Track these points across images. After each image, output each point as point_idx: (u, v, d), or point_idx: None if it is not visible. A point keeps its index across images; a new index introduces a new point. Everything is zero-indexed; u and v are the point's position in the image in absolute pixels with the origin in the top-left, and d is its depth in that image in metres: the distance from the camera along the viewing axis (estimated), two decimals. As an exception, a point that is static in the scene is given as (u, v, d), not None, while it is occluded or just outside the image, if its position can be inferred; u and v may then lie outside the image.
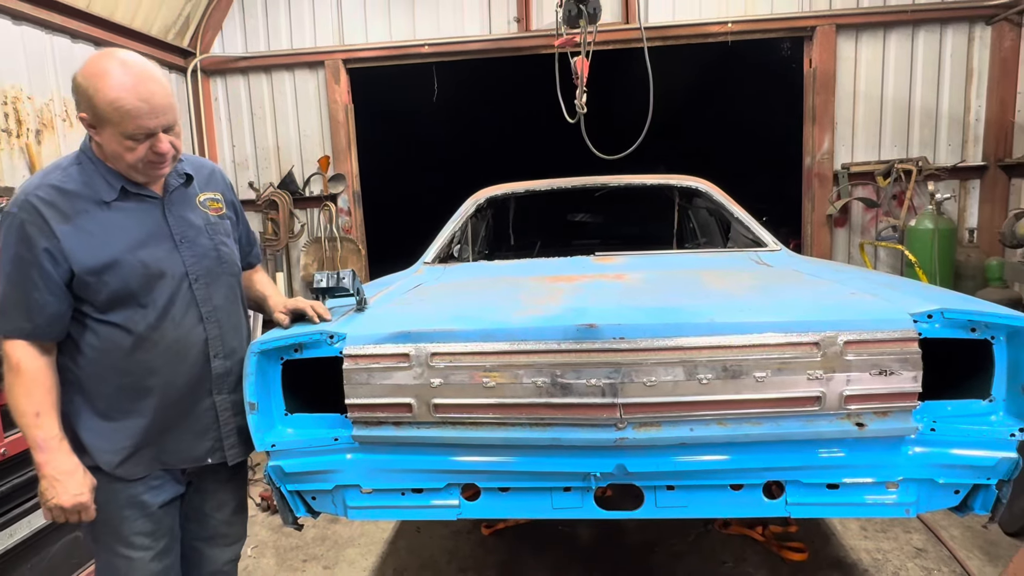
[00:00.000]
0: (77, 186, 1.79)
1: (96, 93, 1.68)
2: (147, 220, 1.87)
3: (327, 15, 6.03)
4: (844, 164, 5.76)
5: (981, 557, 3.17)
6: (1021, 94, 5.32)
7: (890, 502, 2.03)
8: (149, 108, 1.70)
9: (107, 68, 1.69)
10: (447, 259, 3.72)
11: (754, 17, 5.64)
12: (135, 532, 1.90)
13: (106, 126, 1.71)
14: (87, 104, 1.71)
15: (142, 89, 1.69)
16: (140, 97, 1.68)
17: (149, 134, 1.73)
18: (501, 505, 2.16)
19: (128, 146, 1.73)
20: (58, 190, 1.76)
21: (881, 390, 1.90)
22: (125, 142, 1.72)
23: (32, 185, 1.78)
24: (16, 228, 1.73)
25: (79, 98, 1.73)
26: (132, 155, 1.75)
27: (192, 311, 1.92)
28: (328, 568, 3.37)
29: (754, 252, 3.46)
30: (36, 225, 1.73)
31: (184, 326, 1.90)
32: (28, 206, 1.73)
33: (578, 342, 1.95)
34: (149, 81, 1.72)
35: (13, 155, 4.09)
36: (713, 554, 3.31)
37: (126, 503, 1.89)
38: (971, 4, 5.41)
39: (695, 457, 2.01)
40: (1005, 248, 4.95)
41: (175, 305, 1.88)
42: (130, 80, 1.69)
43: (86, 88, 1.69)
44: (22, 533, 2.70)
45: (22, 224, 1.73)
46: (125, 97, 1.67)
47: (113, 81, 1.67)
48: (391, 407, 2.03)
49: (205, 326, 1.94)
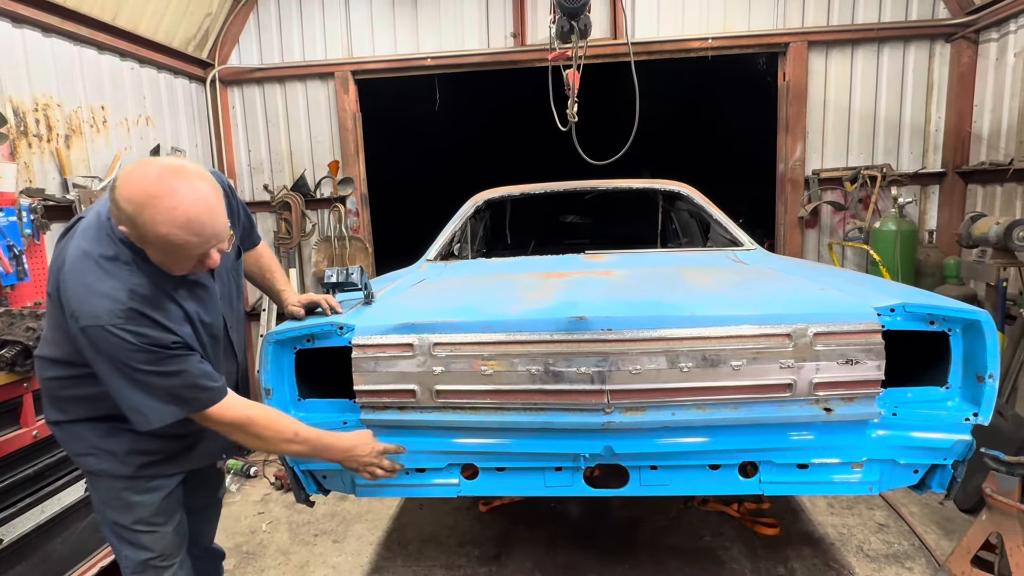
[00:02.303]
0: (151, 283, 1.58)
1: (143, 224, 1.43)
2: (203, 295, 1.76)
3: (337, 30, 6.01)
4: (815, 170, 5.76)
5: (938, 532, 3.19)
6: (978, 106, 5.34)
7: (855, 481, 2.04)
8: (200, 240, 1.50)
9: (153, 197, 1.42)
10: (448, 257, 3.71)
11: (732, 34, 5.64)
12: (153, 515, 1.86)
13: (152, 248, 1.52)
14: (131, 227, 1.45)
15: (194, 224, 1.46)
16: (191, 232, 1.46)
17: (201, 256, 1.55)
18: (498, 484, 2.16)
19: (179, 262, 1.56)
20: (142, 291, 1.56)
21: (847, 378, 1.91)
22: (175, 260, 1.55)
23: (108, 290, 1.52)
24: (128, 337, 1.51)
25: (120, 216, 1.46)
26: (182, 268, 1.58)
27: (229, 352, 1.94)
28: (337, 542, 3.37)
29: (731, 251, 3.47)
30: (148, 327, 1.55)
31: (225, 370, 1.89)
32: (132, 314, 1.52)
33: (569, 333, 1.96)
34: (200, 213, 1.46)
35: (44, 159, 4.07)
36: (692, 529, 3.33)
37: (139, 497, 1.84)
38: (932, 23, 5.42)
39: (676, 439, 2.02)
40: (962, 248, 4.97)
41: (222, 355, 1.89)
42: (180, 215, 1.43)
43: (130, 215, 1.43)
44: (53, 510, 2.69)
45: (135, 331, 1.52)
46: (175, 234, 1.45)
47: (161, 215, 1.42)
48: (396, 393, 2.03)
49: (236, 358, 1.98)
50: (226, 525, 3.57)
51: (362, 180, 6.26)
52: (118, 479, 1.80)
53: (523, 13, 5.79)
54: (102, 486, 1.83)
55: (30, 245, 3.42)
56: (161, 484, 1.87)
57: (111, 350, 1.53)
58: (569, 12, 4.23)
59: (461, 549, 3.24)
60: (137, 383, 1.57)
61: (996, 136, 5.10)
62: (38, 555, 2.64)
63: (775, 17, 5.61)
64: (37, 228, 3.49)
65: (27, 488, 2.63)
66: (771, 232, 6.27)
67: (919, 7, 5.43)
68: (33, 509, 2.62)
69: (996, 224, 4.07)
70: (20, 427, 2.61)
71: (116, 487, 1.81)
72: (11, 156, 3.73)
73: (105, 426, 1.77)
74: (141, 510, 1.84)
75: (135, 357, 1.54)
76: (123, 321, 1.52)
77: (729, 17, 5.65)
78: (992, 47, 5.15)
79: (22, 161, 3.87)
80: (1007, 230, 3.95)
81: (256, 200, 6.09)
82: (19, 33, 3.91)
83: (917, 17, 5.45)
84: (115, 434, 1.76)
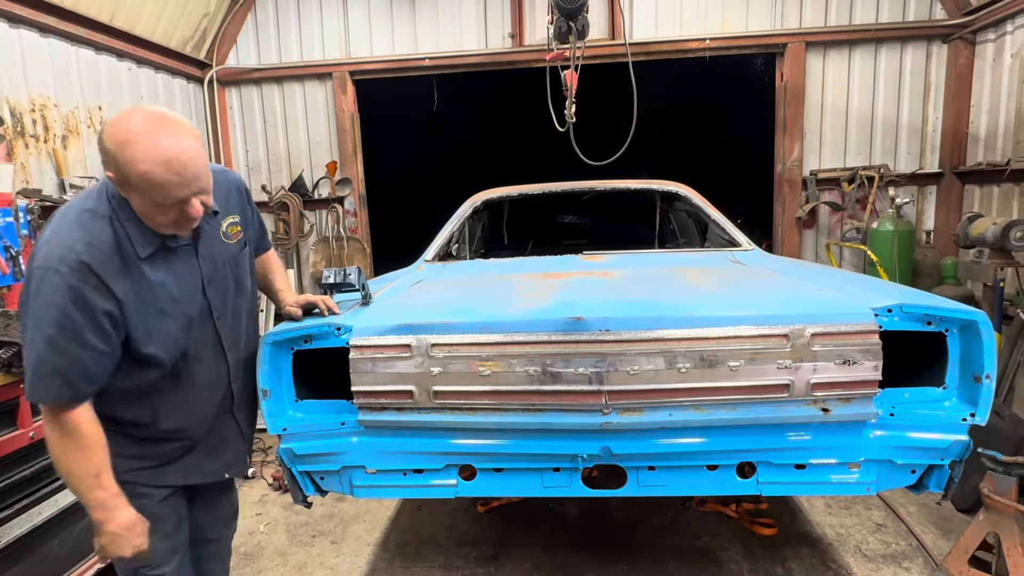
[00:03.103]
0: (118, 241, 1.58)
1: (125, 162, 1.47)
2: (182, 270, 1.73)
3: (335, 30, 6.00)
4: (812, 171, 5.78)
5: (935, 532, 3.20)
6: (974, 107, 5.35)
7: (852, 481, 2.04)
8: (180, 180, 1.51)
9: (136, 135, 1.47)
10: (446, 257, 3.71)
11: (730, 34, 5.65)
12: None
13: (134, 191, 1.53)
14: (114, 168, 1.50)
15: (174, 163, 1.49)
16: (171, 170, 1.49)
17: (180, 201, 1.55)
18: (496, 484, 2.16)
19: (157, 211, 1.56)
20: (102, 248, 1.55)
21: (845, 378, 1.91)
22: (154, 207, 1.55)
23: (70, 240, 1.52)
24: (65, 288, 1.49)
25: (106, 159, 1.51)
26: (162, 218, 1.58)
27: (216, 346, 1.85)
28: (335, 543, 3.36)
29: (729, 251, 3.47)
30: (91, 285, 1.52)
31: (207, 361, 1.83)
32: (79, 265, 1.50)
33: (567, 334, 1.96)
34: (180, 152, 1.50)
35: (41, 159, 4.06)
36: (690, 530, 3.33)
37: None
38: (929, 24, 5.43)
39: (674, 440, 2.02)
40: (959, 248, 4.99)
41: (203, 344, 1.81)
42: (161, 152, 1.47)
43: (114, 154, 1.48)
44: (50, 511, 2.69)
45: (75, 285, 1.50)
46: (155, 171, 1.47)
47: (142, 152, 1.46)
48: (394, 394, 2.02)
49: (227, 357, 1.88)
50: (224, 526, 3.56)
51: (360, 181, 6.26)
52: None
53: (521, 14, 5.79)
54: None
55: (27, 246, 3.41)
56: (151, 492, 1.81)
57: (40, 299, 1.50)
58: (567, 13, 4.24)
59: (459, 550, 3.24)
60: (30, 338, 1.52)
61: (993, 137, 5.12)
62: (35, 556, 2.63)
63: (773, 18, 5.62)
64: (34, 229, 3.49)
65: (24, 489, 2.62)
66: (769, 232, 6.28)
67: (916, 8, 5.45)
68: (30, 511, 2.61)
69: (993, 224, 4.08)
70: (17, 428, 2.60)
71: None
72: (8, 157, 3.72)
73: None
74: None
75: (51, 315, 1.49)
76: (68, 270, 1.49)
77: (727, 18, 5.66)
78: (989, 48, 5.17)
79: (19, 161, 3.86)
80: (1004, 230, 3.96)
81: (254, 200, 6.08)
82: (16, 33, 3.90)
83: (914, 18, 5.46)
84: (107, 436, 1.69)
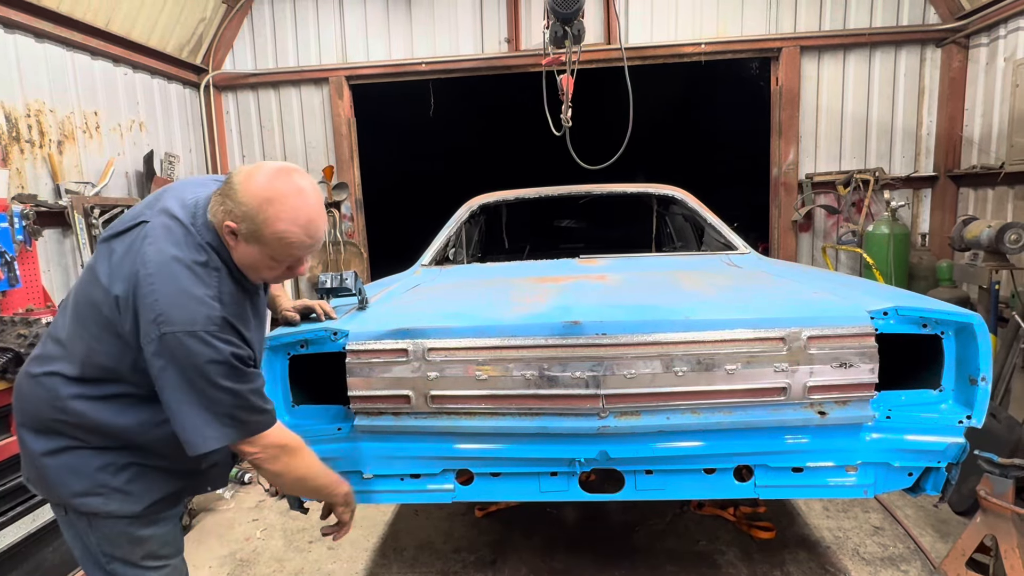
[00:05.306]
0: (236, 293, 1.56)
1: (264, 220, 1.45)
2: (261, 311, 1.73)
3: (331, 34, 6.01)
4: (808, 174, 5.80)
5: (933, 534, 3.20)
6: (968, 110, 5.38)
7: (850, 484, 2.04)
8: (311, 243, 1.52)
9: (280, 194, 1.46)
10: (443, 261, 3.71)
11: (725, 39, 5.67)
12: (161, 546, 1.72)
13: (257, 246, 1.50)
14: (248, 224, 1.46)
15: (311, 226, 1.49)
16: (307, 233, 1.49)
17: (298, 261, 1.57)
18: (493, 489, 2.16)
19: (271, 266, 1.55)
20: (232, 300, 1.53)
21: (841, 381, 1.92)
22: (270, 263, 1.53)
23: (202, 296, 1.47)
24: (219, 344, 1.46)
25: (238, 212, 1.46)
26: (270, 272, 1.57)
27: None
28: (332, 549, 3.35)
29: (725, 255, 3.48)
30: (236, 339, 1.51)
31: None
32: (224, 323, 1.48)
33: (564, 338, 1.96)
34: (319, 218, 1.51)
35: (36, 164, 4.05)
36: (688, 533, 3.32)
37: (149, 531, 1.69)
38: (923, 28, 5.47)
39: (671, 443, 2.02)
40: (954, 251, 5.01)
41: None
42: (301, 215, 1.47)
43: (254, 210, 1.45)
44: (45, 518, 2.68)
45: (227, 339, 1.48)
46: (293, 232, 1.47)
47: (286, 213, 1.46)
48: (390, 398, 2.02)
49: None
50: (220, 532, 3.55)
51: (357, 185, 6.25)
52: (124, 518, 1.62)
53: (517, 18, 5.81)
54: (103, 528, 1.62)
55: (22, 251, 3.40)
56: (172, 513, 1.75)
57: (193, 359, 1.43)
58: (563, 17, 4.25)
59: (456, 555, 3.23)
60: (205, 398, 1.46)
61: (987, 140, 5.15)
62: (30, 563, 2.62)
63: (767, 22, 5.65)
64: (29, 234, 3.47)
65: (19, 496, 2.61)
66: (765, 236, 6.29)
67: (910, 12, 5.48)
68: (24, 518, 2.60)
69: (988, 227, 4.10)
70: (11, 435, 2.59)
71: (121, 525, 1.63)
72: (3, 162, 3.72)
73: (114, 456, 1.59)
74: (152, 543, 1.68)
75: (215, 369, 1.46)
76: (217, 329, 1.46)
77: (722, 22, 5.68)
78: (982, 52, 5.20)
79: (14, 167, 3.85)
80: (999, 233, 3.98)
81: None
82: (11, 38, 3.90)
83: (908, 22, 5.50)
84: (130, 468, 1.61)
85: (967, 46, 5.35)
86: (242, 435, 1.55)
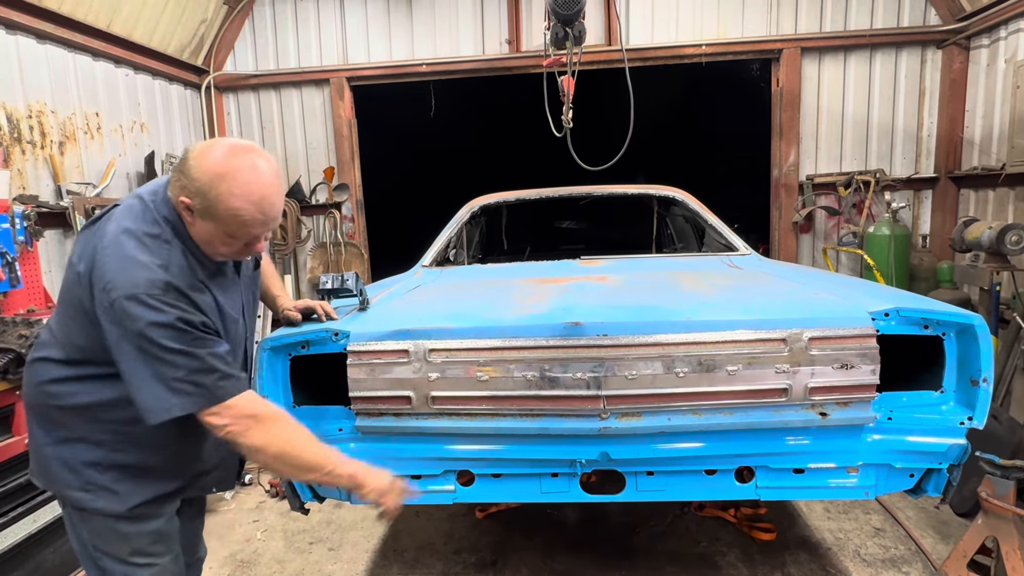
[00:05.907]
0: (190, 266, 1.55)
1: (217, 196, 1.45)
2: (232, 293, 1.70)
3: (332, 36, 6.02)
4: (809, 175, 5.80)
5: (934, 536, 3.20)
6: (969, 112, 5.38)
7: (851, 485, 2.04)
8: (264, 220, 1.51)
9: (232, 170, 1.45)
10: (444, 262, 3.71)
11: (726, 40, 5.67)
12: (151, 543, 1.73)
13: (212, 222, 1.50)
14: (201, 199, 1.46)
15: (264, 203, 1.49)
16: (260, 210, 1.49)
17: (254, 238, 1.55)
18: (494, 490, 2.15)
19: (227, 242, 1.54)
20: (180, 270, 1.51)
21: (842, 382, 1.92)
22: (226, 239, 1.53)
23: (147, 263, 1.47)
24: (163, 306, 1.45)
25: (192, 188, 1.46)
26: (226, 248, 1.56)
27: (244, 368, 1.81)
28: (333, 550, 3.35)
29: (726, 256, 3.48)
30: (184, 303, 1.50)
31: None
32: (168, 287, 1.47)
33: (565, 339, 1.96)
34: (273, 195, 1.51)
35: (38, 165, 4.06)
36: (689, 535, 3.32)
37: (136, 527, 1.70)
38: (923, 29, 5.47)
39: (673, 445, 2.02)
40: (955, 252, 5.01)
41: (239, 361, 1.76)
42: (255, 191, 1.46)
43: (206, 186, 1.45)
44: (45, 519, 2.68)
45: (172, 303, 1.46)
46: (246, 208, 1.47)
47: (238, 188, 1.45)
48: (391, 399, 2.02)
49: (249, 376, 1.84)
50: (220, 533, 3.55)
51: (358, 186, 6.26)
52: (110, 516, 1.65)
53: (518, 20, 5.82)
54: (92, 523, 1.66)
55: (23, 252, 3.40)
56: (163, 512, 1.75)
57: (139, 324, 1.43)
58: (564, 19, 4.26)
59: (457, 556, 3.22)
60: (159, 363, 1.45)
61: (988, 141, 5.14)
62: (30, 564, 2.62)
63: (768, 24, 5.65)
64: (30, 235, 3.48)
65: (19, 497, 2.61)
66: (766, 237, 6.29)
67: (911, 14, 5.48)
68: (25, 518, 2.60)
69: (989, 228, 4.10)
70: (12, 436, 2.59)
71: (109, 521, 1.66)
72: (4, 163, 3.72)
73: (105, 452, 1.62)
74: (139, 541, 1.69)
75: (160, 332, 1.44)
76: (160, 292, 1.45)
77: (722, 24, 5.69)
78: (983, 53, 5.20)
79: (15, 168, 3.86)
80: (999, 234, 3.97)
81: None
82: (13, 40, 3.90)
83: (909, 24, 5.50)
84: (117, 468, 1.63)
85: (968, 47, 5.35)
86: (205, 402, 1.49)
